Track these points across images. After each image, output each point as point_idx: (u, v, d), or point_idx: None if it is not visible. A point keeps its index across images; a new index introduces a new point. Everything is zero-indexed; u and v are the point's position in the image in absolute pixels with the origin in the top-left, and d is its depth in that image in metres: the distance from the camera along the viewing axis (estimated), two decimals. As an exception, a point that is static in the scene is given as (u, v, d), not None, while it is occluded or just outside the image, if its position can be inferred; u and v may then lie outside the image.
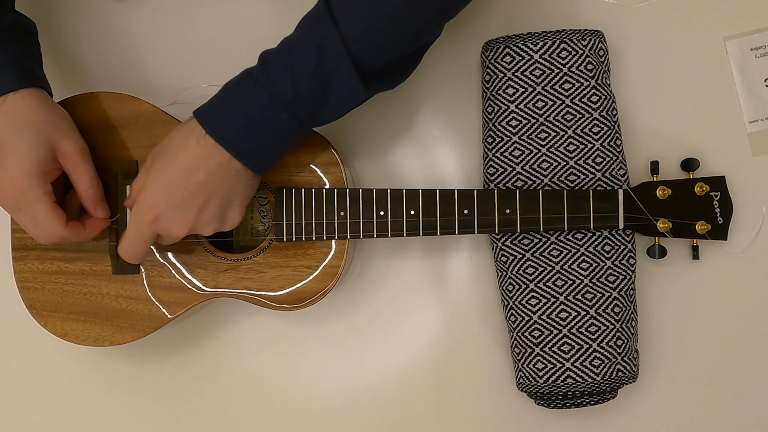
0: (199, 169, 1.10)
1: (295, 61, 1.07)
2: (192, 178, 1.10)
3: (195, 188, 1.10)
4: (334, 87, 1.09)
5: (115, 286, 1.23)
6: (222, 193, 1.12)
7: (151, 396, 1.35)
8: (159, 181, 1.11)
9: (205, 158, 1.09)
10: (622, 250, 1.25)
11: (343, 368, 1.34)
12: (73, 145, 1.16)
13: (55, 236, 1.15)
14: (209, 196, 1.11)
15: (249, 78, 1.09)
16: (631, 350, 1.24)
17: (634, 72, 1.32)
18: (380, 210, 1.21)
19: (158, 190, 1.11)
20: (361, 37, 1.07)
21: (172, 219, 1.12)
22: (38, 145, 1.13)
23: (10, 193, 1.12)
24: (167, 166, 1.11)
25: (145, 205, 1.12)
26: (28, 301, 1.24)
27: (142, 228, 1.13)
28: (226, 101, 1.10)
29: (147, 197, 1.12)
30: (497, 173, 1.26)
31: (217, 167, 1.10)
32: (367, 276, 1.34)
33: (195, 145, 1.09)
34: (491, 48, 1.27)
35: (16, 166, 1.11)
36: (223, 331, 1.35)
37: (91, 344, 1.24)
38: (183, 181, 1.10)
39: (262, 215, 1.30)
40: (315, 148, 1.22)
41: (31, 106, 1.14)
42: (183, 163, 1.10)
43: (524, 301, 1.25)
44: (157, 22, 1.36)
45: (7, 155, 1.12)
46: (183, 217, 1.12)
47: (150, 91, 1.34)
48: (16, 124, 1.12)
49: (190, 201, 1.11)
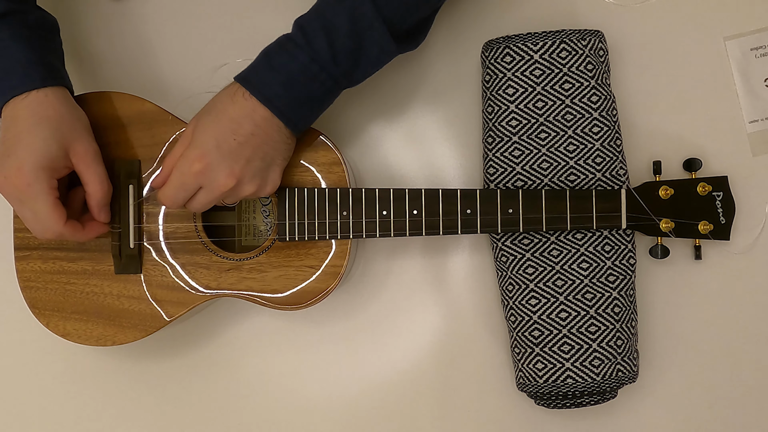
0: (246, 120, 1.13)
1: (330, 23, 1.13)
2: (240, 129, 1.13)
3: (243, 138, 1.13)
4: (367, 47, 1.15)
5: (117, 285, 1.23)
6: (266, 147, 1.16)
7: (154, 395, 1.35)
8: (208, 132, 1.14)
9: (251, 111, 1.13)
10: (622, 250, 1.25)
11: (344, 368, 1.34)
12: (86, 146, 1.17)
13: (52, 232, 1.15)
14: (255, 149, 1.14)
15: (288, 41, 1.14)
16: (631, 350, 1.24)
17: (634, 72, 1.32)
18: (383, 210, 1.21)
19: (208, 140, 1.13)
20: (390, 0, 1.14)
21: (221, 168, 1.14)
22: (52, 141, 1.13)
23: (16, 183, 1.12)
24: (216, 119, 1.14)
25: (194, 154, 1.14)
26: (31, 301, 1.24)
27: (188, 178, 1.14)
28: (268, 63, 1.14)
29: (197, 147, 1.14)
30: (497, 173, 1.26)
31: (263, 120, 1.14)
32: (369, 276, 1.34)
33: (242, 100, 1.14)
34: (491, 48, 1.27)
35: (27, 157, 1.12)
36: (225, 331, 1.34)
37: (93, 344, 1.23)
38: (232, 131, 1.13)
39: (265, 215, 1.30)
40: (318, 148, 1.22)
41: (53, 103, 1.15)
42: (232, 114, 1.13)
43: (524, 301, 1.25)
44: (157, 23, 1.36)
45: (20, 146, 1.13)
46: (231, 166, 1.14)
47: (151, 90, 1.33)
48: (34, 119, 1.13)
49: (239, 151, 1.13)
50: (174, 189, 1.16)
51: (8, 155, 1.13)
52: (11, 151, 1.13)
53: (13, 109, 1.14)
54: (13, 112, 1.14)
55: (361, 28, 1.13)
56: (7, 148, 1.14)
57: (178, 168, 1.15)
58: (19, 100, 1.14)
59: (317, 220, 1.21)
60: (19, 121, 1.14)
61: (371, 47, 1.15)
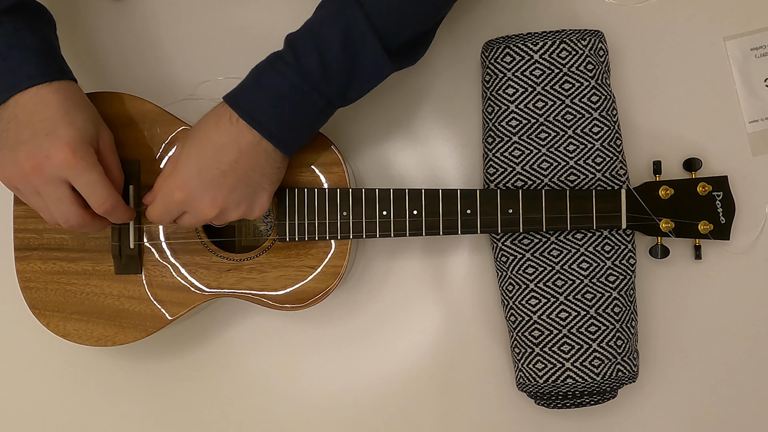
0: (231, 147, 1.11)
1: (321, 39, 1.10)
2: (224, 157, 1.11)
3: (227, 167, 1.11)
4: (360, 62, 1.11)
5: (117, 286, 1.23)
6: (252, 174, 1.13)
7: (154, 396, 1.35)
8: (191, 160, 1.12)
9: (237, 137, 1.11)
10: (622, 250, 1.25)
11: (344, 368, 1.34)
12: (110, 134, 1.18)
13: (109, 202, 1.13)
14: (240, 176, 1.12)
15: (277, 59, 1.11)
16: (631, 350, 1.24)
17: (634, 72, 1.32)
18: (383, 210, 1.21)
19: (190, 169, 1.12)
20: (386, 12, 1.10)
21: (203, 197, 1.12)
22: (90, 123, 1.14)
23: (64, 159, 1.10)
24: (199, 146, 1.12)
25: (176, 182, 1.13)
26: (31, 301, 1.23)
27: (171, 205, 1.14)
28: (256, 83, 1.12)
29: (178, 175, 1.12)
30: (497, 173, 1.26)
31: (249, 146, 1.11)
32: (369, 276, 1.34)
33: (228, 125, 1.11)
34: (491, 48, 1.27)
35: (74, 134, 1.11)
36: (225, 331, 1.35)
37: (93, 344, 1.23)
38: (215, 159, 1.11)
39: (265, 215, 1.30)
40: (318, 149, 1.22)
41: (79, 92, 1.16)
42: (215, 142, 1.11)
43: (524, 301, 1.25)
44: (157, 23, 1.36)
45: (61, 126, 1.11)
46: (213, 196, 1.13)
47: (151, 90, 1.33)
48: (68, 102, 1.13)
49: (221, 180, 1.12)
50: (158, 212, 1.16)
51: (46, 134, 1.10)
52: (49, 131, 1.10)
53: (36, 95, 1.12)
54: (36, 98, 1.12)
55: (353, 42, 1.10)
56: (41, 129, 1.11)
57: (161, 193, 1.14)
58: (42, 88, 1.12)
59: (317, 221, 1.21)
60: (49, 104, 1.12)
61: (365, 63, 1.11)
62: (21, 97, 1.12)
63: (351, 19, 1.09)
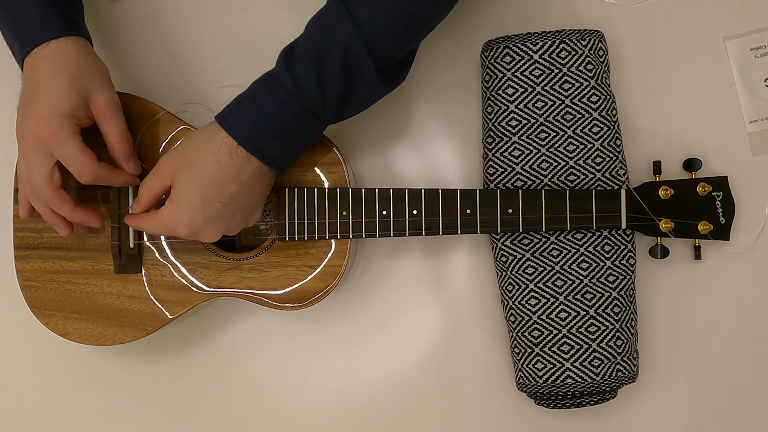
0: (232, 182, 1.12)
1: (322, 68, 1.10)
2: (226, 191, 1.12)
3: (229, 199, 1.13)
4: (357, 89, 1.13)
5: (117, 285, 1.23)
6: (251, 199, 1.15)
7: (153, 395, 1.35)
8: (195, 196, 1.12)
9: (238, 171, 1.12)
10: (621, 250, 1.25)
11: (343, 367, 1.34)
12: (106, 97, 1.17)
13: (88, 173, 1.14)
14: (240, 204, 1.15)
15: (278, 88, 1.11)
16: (630, 350, 1.24)
17: (634, 72, 1.32)
18: (383, 210, 1.21)
19: (195, 206, 1.12)
20: (382, 37, 1.10)
21: (207, 230, 1.14)
22: (72, 91, 1.13)
23: (39, 132, 1.12)
24: (201, 181, 1.12)
25: (182, 219, 1.13)
26: (31, 300, 1.24)
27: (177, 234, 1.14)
28: (258, 112, 1.12)
29: (183, 212, 1.13)
30: (497, 173, 1.26)
31: (249, 177, 1.13)
32: (369, 276, 1.34)
33: (228, 159, 1.11)
34: (491, 48, 1.27)
35: (49, 107, 1.12)
36: (224, 330, 1.35)
37: (93, 343, 1.23)
38: (217, 194, 1.12)
39: (265, 215, 1.30)
40: (318, 148, 1.22)
41: (73, 52, 1.15)
42: (217, 178, 1.12)
43: (524, 301, 1.25)
44: (156, 23, 1.36)
45: (41, 96, 1.12)
46: (217, 227, 1.15)
47: (151, 90, 1.33)
48: (55, 68, 1.13)
49: (223, 212, 1.13)
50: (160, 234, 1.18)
51: (29, 104, 1.13)
52: (32, 101, 1.13)
53: (33, 59, 1.14)
54: (33, 62, 1.14)
55: (352, 70, 1.11)
56: (28, 98, 1.13)
57: (166, 227, 1.14)
58: (39, 50, 1.14)
59: (317, 220, 1.21)
60: (39, 71, 1.13)
61: (360, 89, 1.13)
62: (27, 59, 1.15)
63: (349, 46, 1.09)
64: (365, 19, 1.09)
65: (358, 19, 1.08)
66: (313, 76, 1.09)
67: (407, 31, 1.13)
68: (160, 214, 1.15)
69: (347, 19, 1.08)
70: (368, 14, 1.09)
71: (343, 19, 1.09)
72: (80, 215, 1.18)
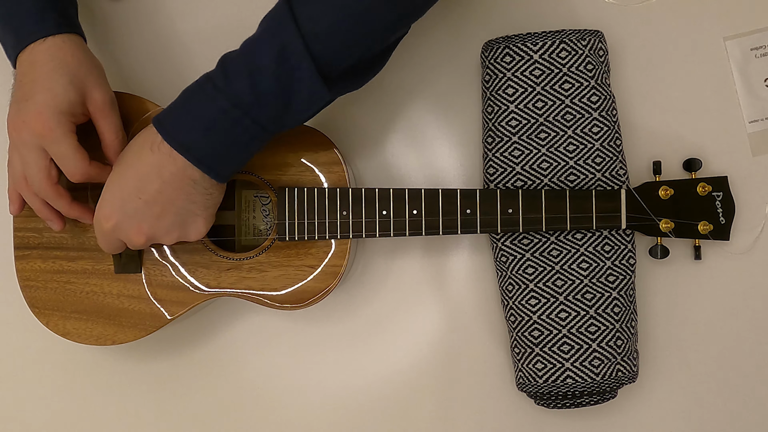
0: (153, 178, 1.09)
1: (254, 63, 1.05)
2: (147, 187, 1.09)
3: (149, 197, 1.10)
4: (295, 90, 1.06)
5: (117, 285, 1.23)
6: (179, 202, 1.11)
7: (153, 395, 1.35)
8: (114, 190, 1.11)
9: (158, 167, 1.08)
10: (621, 250, 1.25)
11: (343, 367, 1.34)
12: (103, 94, 1.16)
13: (81, 172, 1.13)
14: (165, 206, 1.11)
15: (207, 82, 1.07)
16: (630, 350, 1.24)
17: (634, 72, 1.32)
18: (383, 209, 1.21)
19: (113, 200, 1.11)
20: (324, 37, 1.05)
21: (129, 227, 1.12)
22: (71, 87, 1.12)
23: (36, 128, 1.11)
24: (123, 174, 1.11)
25: (102, 213, 1.12)
26: (30, 300, 1.24)
27: (105, 234, 1.14)
28: (185, 107, 1.09)
29: (104, 206, 1.12)
30: (497, 173, 1.26)
31: (171, 176, 1.09)
32: (369, 276, 1.34)
33: (149, 153, 1.09)
34: (491, 48, 1.27)
35: (48, 102, 1.11)
36: (224, 330, 1.34)
37: (93, 343, 1.23)
38: (137, 190, 1.10)
39: (264, 214, 1.30)
40: (317, 148, 1.22)
41: (71, 48, 1.15)
42: (138, 172, 1.10)
43: (524, 301, 1.25)
44: (156, 22, 1.36)
45: (39, 91, 1.12)
46: (138, 226, 1.12)
47: (150, 90, 1.33)
48: (53, 63, 1.13)
49: (145, 210, 1.10)
50: (100, 241, 1.16)
51: (26, 99, 1.12)
52: (29, 96, 1.12)
53: (30, 54, 1.13)
54: (30, 57, 1.13)
55: (287, 69, 1.04)
56: (25, 93, 1.13)
57: (95, 221, 1.14)
58: (36, 45, 1.13)
59: (317, 220, 1.21)
60: (37, 65, 1.13)
61: (300, 90, 1.06)
62: (22, 54, 1.14)
63: (286, 42, 1.04)
64: (307, 17, 1.04)
65: (299, 16, 1.03)
66: (244, 69, 1.05)
67: (356, 32, 1.07)
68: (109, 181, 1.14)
69: (287, 15, 1.04)
70: (311, 12, 1.04)
71: (283, 15, 1.04)
72: (76, 211, 1.18)
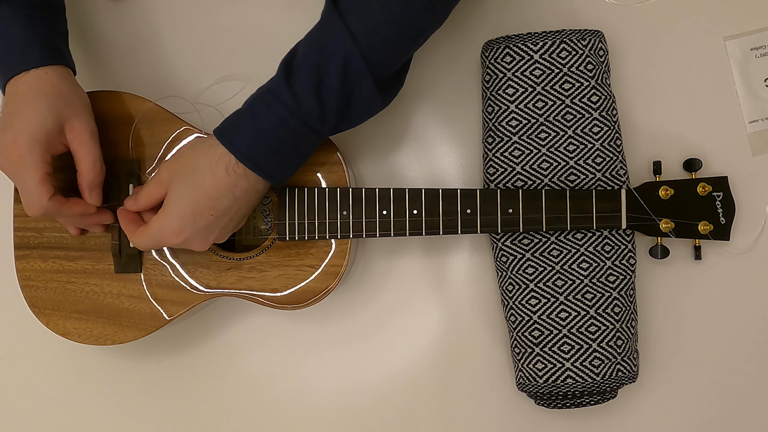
0: (226, 196, 1.12)
1: (322, 83, 1.10)
2: (219, 205, 1.13)
3: (221, 213, 1.14)
4: (354, 103, 1.13)
5: (117, 284, 1.23)
6: (243, 211, 1.16)
7: (153, 395, 1.35)
8: (186, 206, 1.13)
9: (233, 186, 1.12)
10: (622, 250, 1.25)
11: (343, 367, 1.34)
12: (83, 124, 1.17)
13: (37, 206, 1.14)
14: (232, 217, 1.15)
15: (277, 102, 1.10)
16: (631, 350, 1.24)
17: (634, 72, 1.32)
18: (383, 209, 1.21)
19: (186, 216, 1.13)
20: (379, 49, 1.10)
21: (197, 240, 1.15)
22: (48, 115, 1.14)
23: (10, 156, 1.13)
24: (194, 193, 1.12)
25: (172, 227, 1.13)
26: (31, 300, 1.24)
27: (164, 244, 1.16)
28: (257, 128, 1.11)
29: (172, 222, 1.13)
30: (497, 173, 1.26)
31: (243, 193, 1.13)
32: (369, 276, 1.34)
33: (224, 174, 1.12)
34: (491, 48, 1.27)
35: (23, 130, 1.13)
36: (224, 330, 1.34)
37: (93, 343, 1.23)
38: (210, 207, 1.13)
39: (265, 215, 1.30)
40: (318, 149, 1.21)
41: (51, 80, 1.16)
42: (211, 192, 1.12)
43: (524, 301, 1.25)
44: (157, 22, 1.36)
45: (17, 119, 1.14)
46: (206, 237, 1.15)
47: (150, 90, 1.33)
48: (32, 93, 1.14)
49: (215, 224, 1.14)
50: (147, 245, 1.17)
51: (4, 129, 1.14)
52: (8, 125, 1.14)
53: (14, 86, 1.15)
54: (13, 89, 1.15)
55: (351, 84, 1.10)
56: (4, 123, 1.14)
57: (155, 234, 1.15)
58: (20, 77, 1.15)
59: (317, 220, 1.21)
60: (17, 96, 1.15)
61: (358, 104, 1.13)
62: (8, 86, 1.16)
63: (348, 59, 1.09)
64: (363, 32, 1.09)
65: (355, 32, 1.08)
66: (312, 90, 1.09)
67: (403, 42, 1.14)
68: (149, 224, 1.15)
69: (344, 32, 1.08)
70: (365, 27, 1.09)
71: (340, 32, 1.08)
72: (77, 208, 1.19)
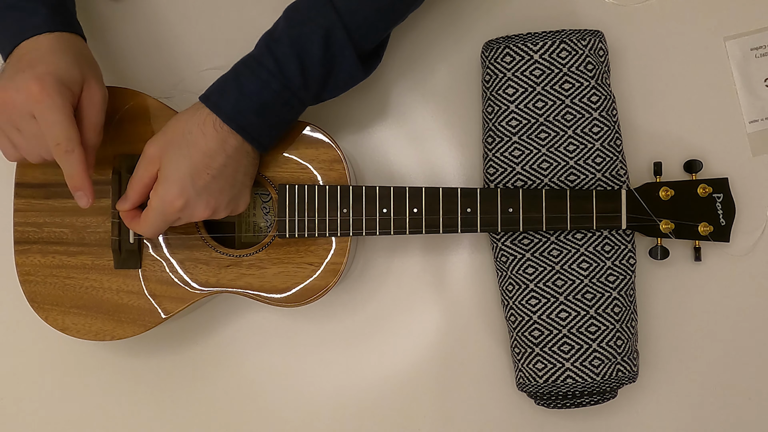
0: (219, 153, 1.14)
1: (303, 49, 1.13)
2: (214, 162, 1.14)
3: (217, 171, 1.14)
4: (337, 71, 1.17)
5: (116, 280, 1.23)
6: (238, 175, 1.17)
7: (152, 391, 1.35)
8: (183, 168, 1.13)
9: (223, 142, 1.14)
10: (622, 250, 1.25)
11: (343, 365, 1.33)
12: (100, 86, 1.17)
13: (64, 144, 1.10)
14: (228, 178, 1.16)
15: (260, 67, 1.14)
16: (631, 350, 1.24)
17: (634, 72, 1.32)
18: (383, 207, 1.21)
19: (184, 178, 1.13)
20: (361, 25, 1.15)
21: (199, 203, 1.15)
22: (75, 66, 1.13)
23: (34, 92, 1.09)
24: (188, 154, 1.13)
25: (173, 191, 1.13)
26: (30, 295, 1.24)
27: (169, 215, 1.15)
28: (239, 90, 1.14)
29: (171, 187, 1.13)
30: (497, 173, 1.26)
31: (234, 150, 1.15)
32: (369, 274, 1.34)
33: (213, 131, 1.14)
34: (491, 48, 1.28)
35: (51, 71, 1.10)
36: (223, 327, 1.34)
37: (92, 338, 1.23)
38: (205, 166, 1.14)
39: (265, 212, 1.30)
40: (318, 146, 1.22)
41: (76, 42, 1.17)
42: (204, 149, 1.13)
43: (524, 301, 1.25)
44: (157, 21, 1.36)
45: (41, 64, 1.11)
46: (207, 200, 1.15)
47: (150, 88, 1.33)
48: (59, 45, 1.14)
49: (213, 184, 1.15)
50: (155, 225, 1.16)
51: (22, 71, 1.10)
52: (27, 68, 1.11)
53: (34, 42, 1.14)
54: (34, 44, 1.14)
55: (333, 55, 1.15)
56: (22, 66, 1.11)
57: (158, 206, 1.14)
58: (43, 36, 1.14)
59: (317, 217, 1.21)
60: (41, 47, 1.13)
61: (340, 73, 1.17)
62: (24, 44, 1.14)
63: (330, 31, 1.14)
64: (346, 9, 1.14)
65: (339, 8, 1.13)
66: (294, 57, 1.13)
67: (385, 19, 1.19)
68: (149, 201, 1.15)
69: (329, 7, 1.13)
70: (350, 4, 1.14)
71: (324, 6, 1.14)
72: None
